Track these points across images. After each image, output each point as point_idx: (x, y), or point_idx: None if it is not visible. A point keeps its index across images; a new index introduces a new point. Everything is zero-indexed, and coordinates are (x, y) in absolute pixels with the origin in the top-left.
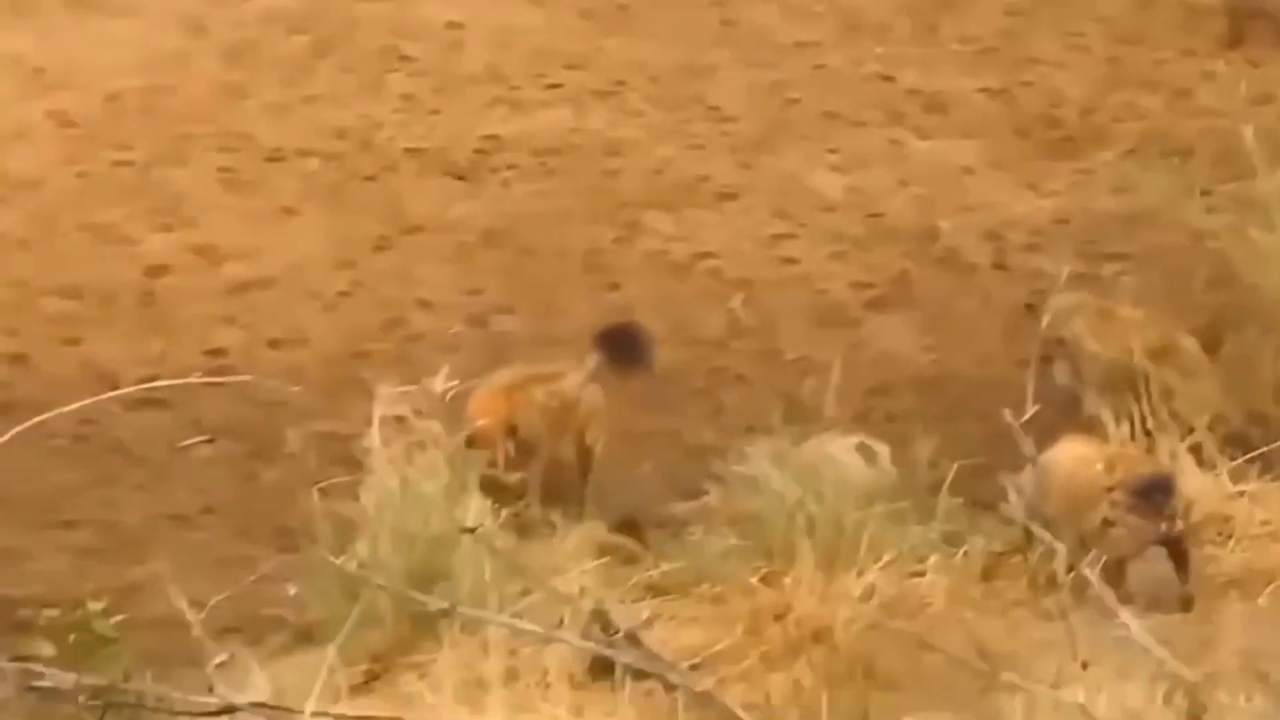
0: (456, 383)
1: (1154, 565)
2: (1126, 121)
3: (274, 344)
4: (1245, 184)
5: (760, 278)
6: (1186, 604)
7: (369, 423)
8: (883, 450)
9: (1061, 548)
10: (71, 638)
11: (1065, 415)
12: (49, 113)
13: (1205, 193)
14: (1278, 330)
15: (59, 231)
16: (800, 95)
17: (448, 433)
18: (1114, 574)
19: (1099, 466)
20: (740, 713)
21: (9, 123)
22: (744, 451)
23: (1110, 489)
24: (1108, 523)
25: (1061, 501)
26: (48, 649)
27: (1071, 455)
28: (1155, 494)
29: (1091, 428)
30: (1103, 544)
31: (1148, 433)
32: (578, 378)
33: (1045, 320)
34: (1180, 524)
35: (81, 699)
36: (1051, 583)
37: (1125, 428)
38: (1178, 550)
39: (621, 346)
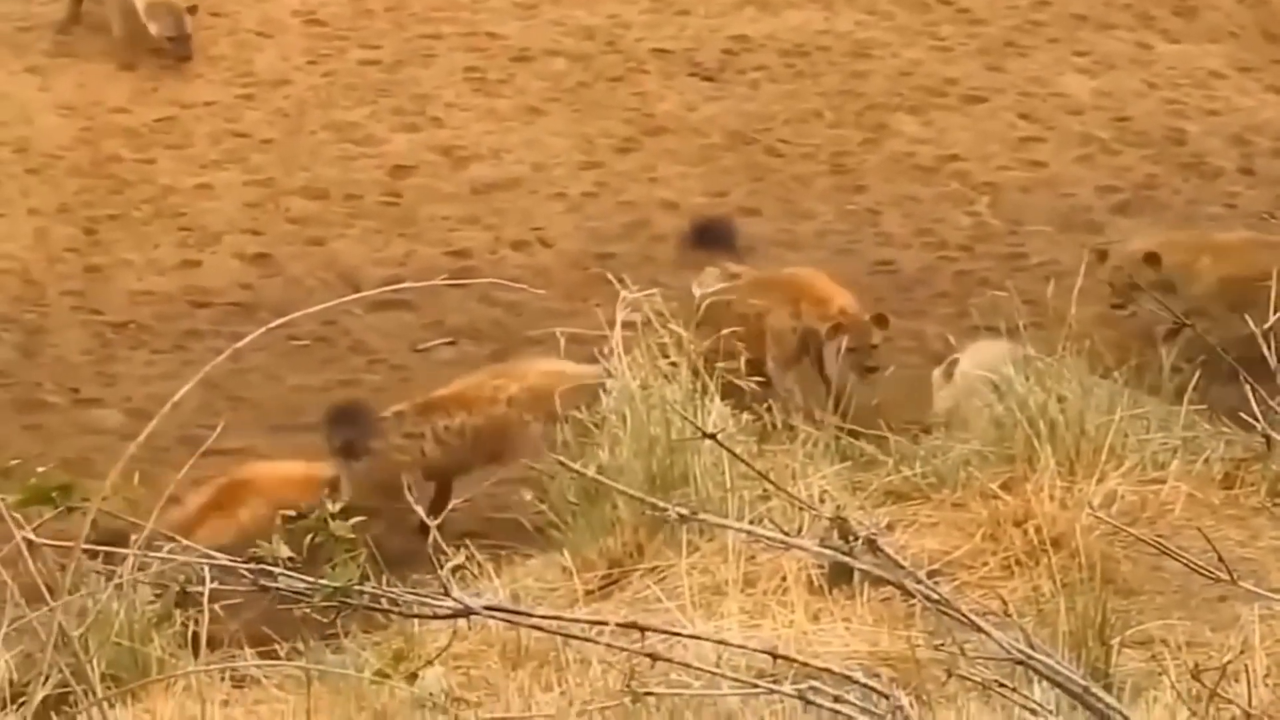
0: (717, 285)
1: None
2: None
3: (517, 245)
4: None
5: (1006, 181)
6: None
7: (612, 325)
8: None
9: None
10: (308, 539)
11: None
12: (295, 11)
13: None
14: None
15: (304, 131)
16: None
17: (692, 336)
18: None
19: None
20: (977, 620)
21: (257, 22)
22: (962, 366)
23: None
24: None
25: None
26: (284, 550)
27: None
28: None
29: None
30: None
31: None
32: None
33: None
34: None
35: (316, 600)
36: None
37: None
38: None
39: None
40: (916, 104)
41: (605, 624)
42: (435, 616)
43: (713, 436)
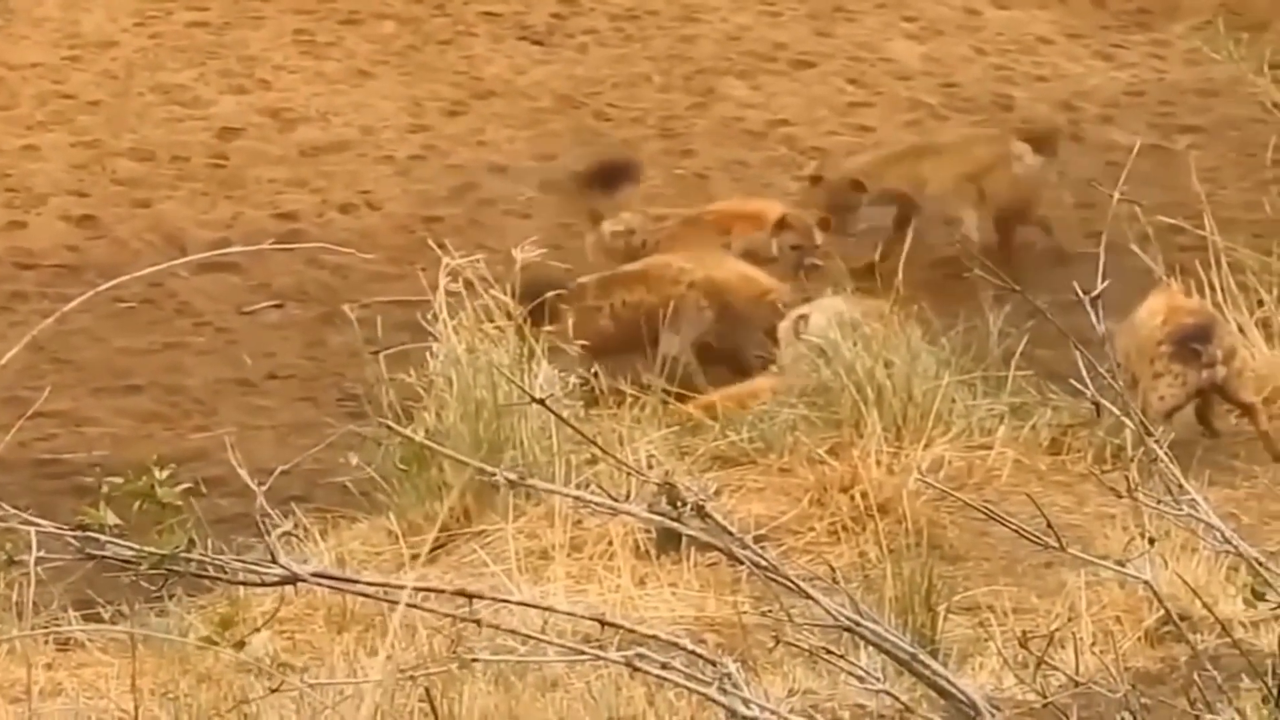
0: (534, 250)
1: None
2: None
3: (345, 208)
4: None
5: (835, 146)
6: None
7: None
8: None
9: (1129, 421)
10: (135, 505)
11: (1138, 287)
12: None
13: (1278, 66)
14: None
15: (131, 93)
16: None
17: (518, 300)
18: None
19: (1159, 319)
20: (804, 585)
21: None
22: (815, 321)
23: (1160, 342)
24: (1157, 374)
25: (1135, 356)
26: (110, 516)
27: (1146, 309)
28: (1193, 341)
29: None
30: (1153, 395)
31: (1216, 306)
32: None
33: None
34: (1221, 370)
35: (143, 567)
36: (1118, 456)
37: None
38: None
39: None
40: (745, 68)
41: (431, 590)
42: (262, 584)
43: (540, 401)
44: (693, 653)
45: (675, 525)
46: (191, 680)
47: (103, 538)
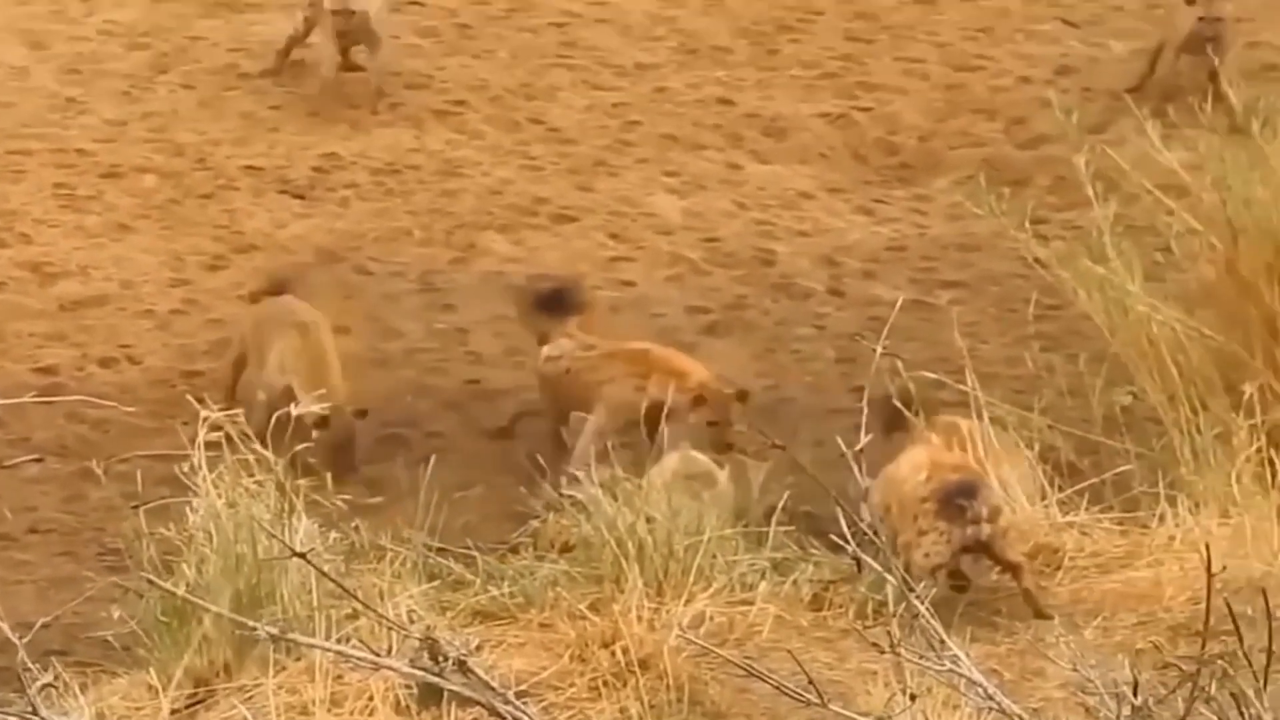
0: (309, 405)
1: None
2: (963, 148)
3: (105, 362)
4: (1079, 213)
5: (597, 300)
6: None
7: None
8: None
9: (891, 577)
10: None
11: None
12: None
13: (1039, 221)
14: (1108, 360)
15: None
16: (639, 118)
17: (277, 454)
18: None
19: (923, 475)
20: None
21: None
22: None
23: (924, 499)
24: (921, 531)
25: (896, 511)
26: None
27: (908, 463)
28: (958, 498)
29: None
30: (918, 553)
31: (979, 462)
32: None
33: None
34: (987, 529)
35: None
36: (880, 612)
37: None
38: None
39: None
40: (507, 223)
41: None
42: None
43: (301, 555)
44: None
45: (437, 680)
46: None
47: None
